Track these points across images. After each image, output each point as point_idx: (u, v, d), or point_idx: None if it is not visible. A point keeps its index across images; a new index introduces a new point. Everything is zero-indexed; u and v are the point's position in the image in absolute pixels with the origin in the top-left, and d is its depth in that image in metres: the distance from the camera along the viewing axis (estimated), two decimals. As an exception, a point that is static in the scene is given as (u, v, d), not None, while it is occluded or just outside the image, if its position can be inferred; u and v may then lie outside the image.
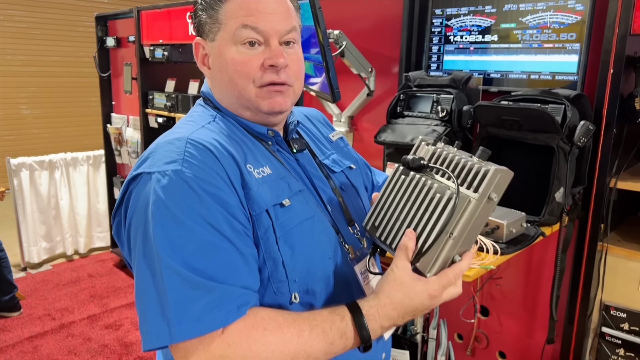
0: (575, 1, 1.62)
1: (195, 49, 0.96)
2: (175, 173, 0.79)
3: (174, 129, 0.91)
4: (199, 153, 0.82)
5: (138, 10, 3.40)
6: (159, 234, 0.76)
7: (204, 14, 0.92)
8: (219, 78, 0.93)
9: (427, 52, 2.02)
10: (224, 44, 0.90)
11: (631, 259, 1.65)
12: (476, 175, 0.81)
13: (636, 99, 1.60)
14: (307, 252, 0.90)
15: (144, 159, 0.85)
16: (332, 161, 1.08)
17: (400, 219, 0.90)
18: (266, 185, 0.88)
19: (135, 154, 3.77)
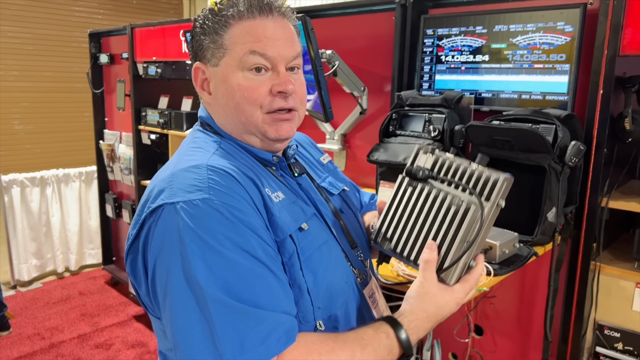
0: (564, 23, 1.64)
1: (195, 73, 0.94)
2: (204, 201, 0.77)
3: (183, 157, 0.88)
4: (222, 179, 0.81)
5: (132, 27, 3.41)
6: (198, 265, 0.74)
7: (207, 38, 0.90)
8: (223, 104, 0.91)
9: (419, 71, 2.03)
10: (230, 70, 0.88)
11: (624, 278, 1.65)
12: (486, 183, 0.85)
13: (626, 119, 1.61)
14: (328, 278, 0.90)
15: (159, 190, 0.82)
16: (328, 184, 1.09)
17: (415, 230, 0.92)
18: (285, 210, 0.87)
19: (127, 170, 3.75)
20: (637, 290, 1.62)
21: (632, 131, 1.62)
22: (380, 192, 1.96)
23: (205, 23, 0.90)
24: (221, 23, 0.88)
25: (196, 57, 0.94)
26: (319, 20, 2.40)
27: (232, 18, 0.88)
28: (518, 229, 1.54)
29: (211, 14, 0.90)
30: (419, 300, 0.86)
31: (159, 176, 0.87)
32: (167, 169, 0.87)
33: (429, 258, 0.87)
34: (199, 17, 0.93)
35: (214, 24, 0.89)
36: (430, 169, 0.94)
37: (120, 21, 5.74)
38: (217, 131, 0.95)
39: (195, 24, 0.93)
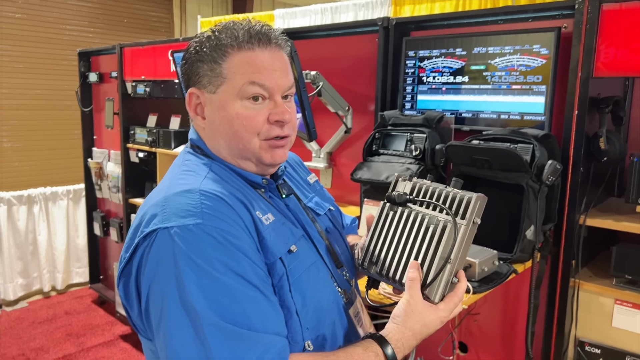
0: (540, 45, 1.69)
1: (189, 98, 0.96)
2: (197, 226, 0.79)
3: (175, 180, 0.90)
4: (214, 204, 0.83)
5: (121, 46, 3.45)
6: (193, 290, 0.76)
7: (204, 65, 0.92)
8: (220, 130, 0.93)
9: (402, 91, 2.07)
10: (228, 98, 0.90)
11: (603, 295, 1.67)
12: (460, 203, 0.91)
13: (601, 138, 1.66)
14: (316, 299, 0.93)
15: (153, 214, 0.83)
16: (315, 204, 1.11)
17: (398, 252, 0.96)
18: (275, 232, 0.90)
19: (115, 188, 3.75)
20: (616, 306, 1.65)
21: (607, 150, 1.66)
22: (364, 210, 1.98)
23: (202, 50, 0.92)
24: (220, 52, 0.90)
25: (190, 82, 0.95)
26: (304, 41, 2.45)
27: (231, 47, 0.90)
28: (497, 246, 1.56)
29: (208, 42, 0.92)
30: (405, 318, 0.89)
31: (152, 200, 0.88)
32: (160, 192, 0.88)
33: (413, 277, 0.91)
34: (195, 42, 0.94)
35: (212, 52, 0.91)
36: (409, 193, 1.00)
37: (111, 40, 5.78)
38: (207, 154, 0.96)
39: (189, 49, 0.95)
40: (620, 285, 1.64)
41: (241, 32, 0.91)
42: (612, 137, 1.67)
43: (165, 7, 6.85)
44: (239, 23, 0.93)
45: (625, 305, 1.62)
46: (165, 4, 6.83)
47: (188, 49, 0.96)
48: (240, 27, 0.92)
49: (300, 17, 4.50)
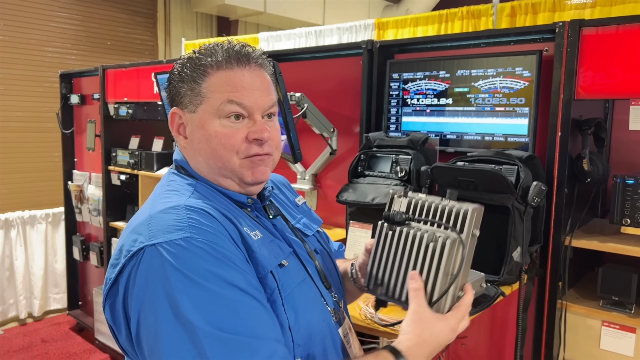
0: (522, 68, 1.71)
1: (171, 118, 0.97)
2: (186, 240, 0.78)
3: (159, 200, 0.90)
4: (201, 217, 0.83)
5: (103, 68, 3.42)
6: (187, 304, 0.75)
7: (185, 86, 0.93)
8: (200, 149, 0.93)
9: (386, 113, 2.08)
10: (207, 117, 0.91)
11: (590, 317, 1.66)
12: (457, 216, 0.91)
13: (584, 159, 1.67)
14: (308, 315, 0.91)
15: (138, 233, 0.82)
16: (303, 225, 1.11)
17: (402, 271, 0.96)
18: (264, 247, 0.90)
19: (96, 211, 3.68)
20: (604, 328, 1.64)
21: (591, 171, 1.67)
22: (350, 232, 1.96)
23: (184, 71, 0.93)
24: (199, 72, 0.91)
25: (173, 103, 0.97)
26: (290, 63, 2.45)
27: (211, 67, 0.91)
28: (484, 268, 1.53)
29: (189, 62, 0.93)
30: (413, 327, 0.88)
31: (136, 220, 0.87)
32: (143, 212, 0.88)
33: (416, 286, 0.91)
34: (177, 64, 0.96)
35: (192, 72, 0.92)
36: (406, 211, 0.99)
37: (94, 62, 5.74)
38: (192, 174, 0.96)
39: (174, 70, 0.96)
40: (607, 307, 1.63)
41: (220, 52, 0.92)
42: (595, 158, 1.68)
43: (150, 29, 6.86)
44: (220, 44, 0.94)
45: (612, 327, 1.61)
46: (149, 26, 6.85)
47: (172, 71, 0.97)
48: (220, 47, 0.93)
49: (284, 40, 4.53)
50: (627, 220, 1.55)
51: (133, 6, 6.61)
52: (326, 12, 7.46)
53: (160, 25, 6.88)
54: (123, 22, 6.54)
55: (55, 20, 5.90)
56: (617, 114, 1.88)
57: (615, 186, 1.57)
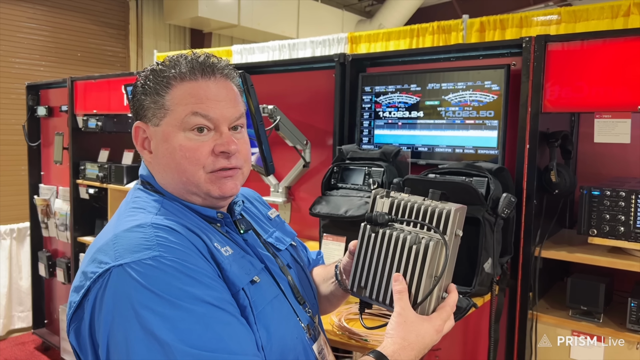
0: (491, 82, 1.74)
1: (135, 132, 0.94)
2: (155, 259, 0.75)
3: (124, 218, 0.86)
4: (169, 235, 0.80)
5: (72, 80, 3.35)
6: (159, 324, 0.72)
7: (148, 98, 0.90)
8: (164, 163, 0.90)
9: (359, 126, 2.09)
10: (171, 130, 0.88)
11: (560, 327, 1.68)
12: (440, 217, 0.91)
13: (552, 171, 1.70)
14: (280, 333, 0.89)
15: (103, 253, 0.79)
16: (275, 239, 1.08)
17: (385, 274, 0.95)
18: (235, 264, 0.87)
19: (63, 226, 3.57)
20: (574, 338, 1.66)
21: (558, 183, 1.71)
22: (323, 245, 1.95)
23: (147, 83, 0.90)
24: (162, 84, 0.89)
25: (137, 116, 0.94)
26: (263, 76, 2.44)
27: (174, 79, 0.89)
28: (456, 280, 1.54)
29: (152, 75, 0.91)
30: (398, 329, 0.87)
31: (100, 240, 0.84)
32: (108, 232, 0.84)
33: (400, 288, 0.90)
34: (140, 76, 0.93)
35: (155, 85, 0.89)
36: (389, 212, 0.99)
37: (63, 73, 5.63)
38: (158, 190, 0.93)
39: (137, 83, 0.93)
40: (577, 317, 1.65)
41: (184, 63, 0.90)
42: (562, 170, 1.72)
43: (121, 41, 6.78)
44: (184, 55, 0.92)
45: (582, 336, 1.63)
46: (121, 38, 6.76)
47: (135, 84, 0.94)
48: (184, 59, 0.91)
49: (258, 53, 4.53)
50: (593, 231, 1.58)
51: (104, 17, 6.53)
52: (300, 26, 7.51)
53: (132, 37, 6.81)
54: (94, 34, 6.45)
55: (23, 31, 5.78)
56: (582, 127, 1.93)
57: (582, 197, 1.60)
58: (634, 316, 1.52)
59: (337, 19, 8.34)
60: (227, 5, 6.59)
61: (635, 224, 1.52)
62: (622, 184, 1.63)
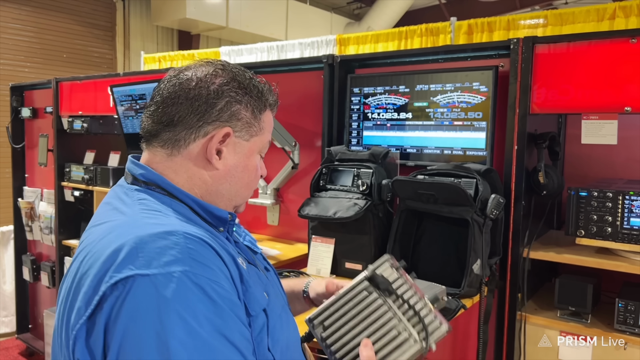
0: (479, 83, 1.74)
1: (219, 136, 0.88)
2: (185, 274, 0.70)
3: (142, 220, 0.79)
4: (201, 249, 0.75)
5: (57, 81, 3.31)
6: (178, 348, 0.67)
7: (247, 113, 0.90)
8: (236, 176, 0.92)
9: (348, 127, 2.08)
10: (255, 149, 0.93)
11: (548, 327, 1.68)
12: (429, 325, 0.92)
13: (540, 172, 1.71)
14: (292, 350, 0.90)
15: (126, 256, 0.72)
16: (250, 242, 1.05)
17: (353, 332, 0.94)
18: (252, 278, 0.85)
19: (48, 229, 3.52)
20: (562, 338, 1.66)
21: (546, 184, 1.71)
22: (312, 247, 1.94)
23: (247, 94, 0.90)
24: (262, 105, 0.93)
25: (214, 118, 0.87)
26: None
27: (268, 105, 0.95)
28: (445, 281, 1.54)
29: (250, 89, 0.91)
30: None
31: (114, 240, 0.75)
32: (126, 232, 0.75)
33: (368, 355, 0.89)
34: (231, 79, 0.89)
35: (256, 101, 0.92)
36: (392, 281, 0.98)
37: (48, 75, 5.56)
38: (169, 192, 0.87)
39: (225, 84, 0.88)
40: (565, 317, 1.66)
41: (271, 94, 0.96)
42: (550, 171, 1.72)
43: (108, 42, 6.72)
44: (265, 82, 0.97)
45: (570, 337, 1.64)
46: (107, 39, 6.70)
47: (224, 83, 0.88)
48: (267, 88, 0.96)
49: (246, 55, 4.51)
50: (581, 232, 1.59)
51: (91, 18, 6.46)
52: (288, 29, 7.51)
53: (119, 38, 6.75)
54: (80, 35, 6.39)
55: (7, 31, 5.70)
56: (569, 129, 1.94)
57: (569, 198, 1.60)
58: (621, 316, 1.53)
59: (325, 22, 8.35)
60: (216, 6, 6.57)
61: (622, 224, 1.53)
62: (609, 185, 1.64)
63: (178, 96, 0.87)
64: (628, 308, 1.52)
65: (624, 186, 1.61)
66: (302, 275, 1.82)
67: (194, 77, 0.88)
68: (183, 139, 0.88)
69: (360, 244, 1.84)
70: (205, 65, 0.91)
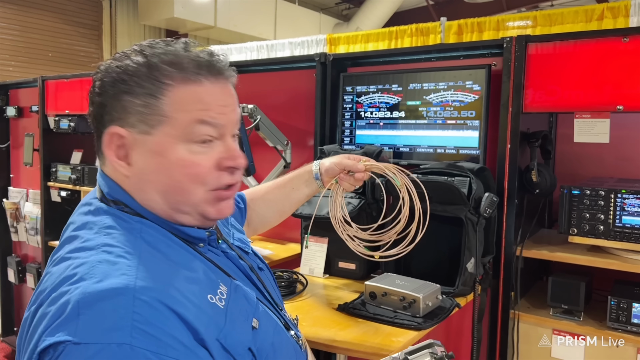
0: (472, 82, 1.75)
1: (109, 139, 0.77)
2: (122, 348, 0.60)
3: (95, 266, 0.68)
4: (151, 315, 0.64)
5: (43, 79, 3.25)
6: None
7: (136, 100, 0.74)
8: (155, 180, 0.76)
9: (340, 126, 2.07)
10: (169, 140, 0.75)
11: (541, 326, 1.69)
12: None
13: (532, 171, 1.71)
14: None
15: (65, 317, 0.62)
16: (239, 241, 0.99)
17: None
18: (234, 312, 0.75)
19: (34, 230, 3.46)
20: (554, 336, 1.67)
21: (539, 183, 1.72)
22: (305, 247, 1.92)
23: (133, 79, 0.75)
24: (159, 83, 0.74)
25: (108, 117, 0.77)
26: (242, 75, 2.36)
27: (174, 79, 0.75)
28: (439, 280, 1.54)
29: (142, 69, 0.75)
30: None
31: (69, 289, 0.65)
32: (78, 279, 0.66)
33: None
34: (117, 67, 0.76)
35: (146, 83, 0.74)
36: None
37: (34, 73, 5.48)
38: (137, 212, 0.78)
39: (111, 75, 0.76)
40: (557, 316, 1.66)
41: (186, 60, 0.76)
42: (542, 169, 1.73)
43: (94, 41, 6.64)
44: (177, 46, 0.78)
45: (562, 335, 1.64)
46: (94, 38, 6.63)
47: (108, 74, 0.77)
48: (184, 54, 0.77)
49: (236, 54, 4.49)
50: (574, 230, 1.59)
51: (77, 17, 6.39)
52: (277, 29, 7.49)
53: (105, 37, 6.68)
54: (66, 33, 6.31)
55: (-9, 29, 5.61)
56: (560, 128, 1.95)
57: (562, 197, 1.61)
58: (613, 314, 1.54)
59: (314, 22, 8.35)
60: (204, 6, 6.53)
61: (614, 222, 1.54)
62: (601, 183, 1.65)
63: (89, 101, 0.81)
64: (620, 305, 1.53)
65: (615, 184, 1.62)
66: (296, 274, 1.80)
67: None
68: (100, 149, 0.80)
69: (353, 243, 1.83)
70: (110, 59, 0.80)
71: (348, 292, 1.69)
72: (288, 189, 1.29)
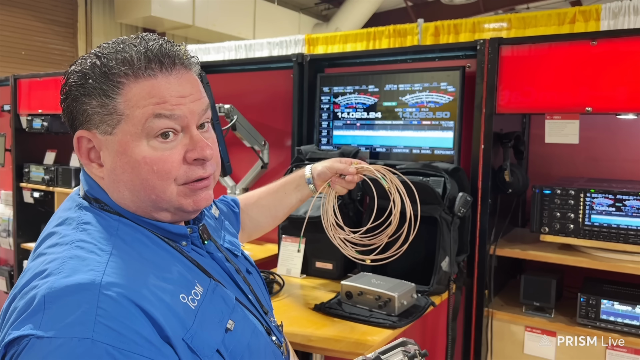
0: (447, 83, 1.77)
1: (78, 142, 0.78)
2: (82, 342, 0.60)
3: (67, 261, 0.68)
4: (115, 310, 0.63)
5: (15, 78, 3.18)
6: None
7: (92, 101, 0.74)
8: (125, 179, 0.76)
9: (318, 127, 2.07)
10: (130, 139, 0.74)
11: (514, 323, 1.72)
12: None
13: (505, 171, 1.74)
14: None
15: (31, 311, 0.63)
16: (230, 244, 0.99)
17: None
18: (207, 313, 0.74)
19: (6, 232, 3.39)
20: (527, 333, 1.70)
21: (512, 182, 1.75)
22: (282, 247, 1.92)
23: (88, 82, 0.75)
24: (112, 83, 0.74)
25: (75, 122, 0.77)
26: (219, 75, 2.40)
27: (126, 76, 0.74)
28: (414, 279, 1.56)
29: (94, 70, 0.75)
30: None
31: (39, 283, 0.66)
32: (48, 274, 0.67)
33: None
34: (76, 72, 0.76)
35: (101, 84, 0.74)
36: None
37: (5, 72, 5.36)
38: (113, 209, 0.78)
39: (70, 80, 0.77)
40: (530, 313, 1.70)
41: (136, 56, 0.74)
42: (515, 170, 1.76)
43: (69, 39, 6.52)
44: (131, 42, 0.76)
45: (534, 332, 1.68)
46: (69, 36, 6.51)
47: (68, 81, 0.77)
48: (134, 49, 0.75)
49: (213, 53, 4.46)
50: (545, 229, 1.63)
51: (51, 15, 6.26)
52: (256, 29, 7.46)
53: (80, 35, 6.57)
54: (39, 31, 6.18)
55: (-39, 26, 5.47)
56: (532, 129, 1.99)
57: (534, 196, 1.64)
58: (583, 310, 1.58)
59: (293, 22, 8.35)
60: (182, 4, 6.47)
61: (584, 221, 1.57)
62: (571, 183, 1.69)
63: None
64: (589, 302, 1.57)
65: (585, 184, 1.67)
66: (273, 274, 1.80)
67: None
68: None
69: (330, 243, 1.83)
70: None
71: (325, 292, 1.69)
72: (281, 194, 1.29)
